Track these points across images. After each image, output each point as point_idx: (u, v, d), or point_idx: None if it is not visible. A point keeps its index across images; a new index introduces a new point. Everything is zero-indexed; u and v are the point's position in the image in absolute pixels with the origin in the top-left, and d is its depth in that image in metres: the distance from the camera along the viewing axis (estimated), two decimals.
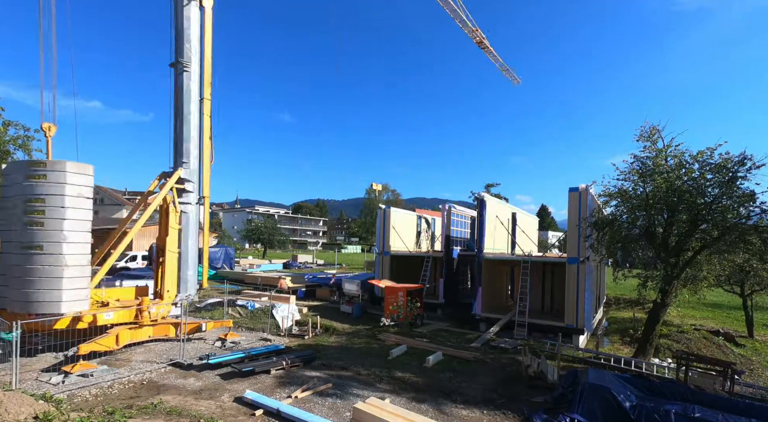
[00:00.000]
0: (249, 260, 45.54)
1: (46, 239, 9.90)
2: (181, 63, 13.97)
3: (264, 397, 8.22)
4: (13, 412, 6.36)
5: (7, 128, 20.96)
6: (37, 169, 10.08)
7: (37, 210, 9.91)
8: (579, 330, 14.26)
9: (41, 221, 9.89)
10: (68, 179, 10.20)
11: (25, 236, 9.88)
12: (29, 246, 9.84)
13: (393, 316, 16.25)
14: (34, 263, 9.86)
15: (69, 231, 10.12)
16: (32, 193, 9.94)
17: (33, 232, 9.88)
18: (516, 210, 23.02)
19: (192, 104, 14.30)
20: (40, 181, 10.00)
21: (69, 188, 10.19)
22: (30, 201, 9.92)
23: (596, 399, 7.74)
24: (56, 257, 9.94)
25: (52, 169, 10.14)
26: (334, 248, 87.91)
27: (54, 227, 9.96)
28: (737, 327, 18.47)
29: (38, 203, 9.93)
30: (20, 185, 9.99)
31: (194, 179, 14.23)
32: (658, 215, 12.18)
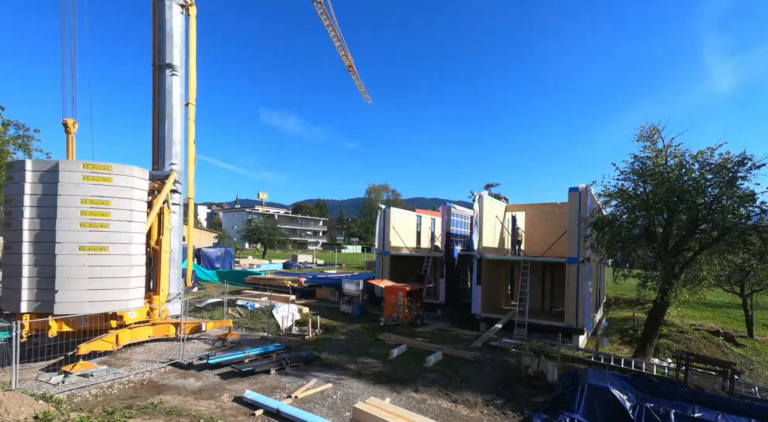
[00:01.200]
0: (249, 260, 45.56)
1: (112, 240, 10.29)
2: (171, 67, 14.11)
3: (264, 397, 8.22)
4: (13, 412, 6.36)
5: (7, 127, 20.97)
6: (99, 171, 10.34)
7: (101, 212, 10.18)
8: (579, 330, 14.26)
9: (106, 222, 10.21)
10: (135, 184, 10.84)
11: (83, 237, 10.04)
12: (90, 247, 10.05)
13: (393, 316, 16.26)
14: (97, 264, 10.12)
15: (136, 233, 10.75)
16: (93, 194, 10.16)
17: (95, 233, 10.12)
18: (517, 211, 23.02)
19: (180, 108, 14.50)
20: (103, 183, 10.30)
21: (136, 193, 10.86)
22: (90, 202, 10.11)
23: (596, 399, 7.74)
24: (124, 258, 10.44)
25: (120, 173, 10.56)
26: (334, 248, 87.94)
27: (121, 229, 10.40)
28: (737, 327, 18.48)
29: (100, 205, 10.20)
30: (75, 185, 10.08)
31: (182, 181, 14.38)
32: (658, 215, 12.18)
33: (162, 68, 14.16)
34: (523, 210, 22.69)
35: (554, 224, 19.82)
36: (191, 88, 14.91)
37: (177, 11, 14.33)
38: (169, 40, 14.14)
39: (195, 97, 15.07)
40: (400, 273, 22.06)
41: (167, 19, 14.11)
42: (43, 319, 9.74)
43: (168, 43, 14.12)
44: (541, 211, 21.78)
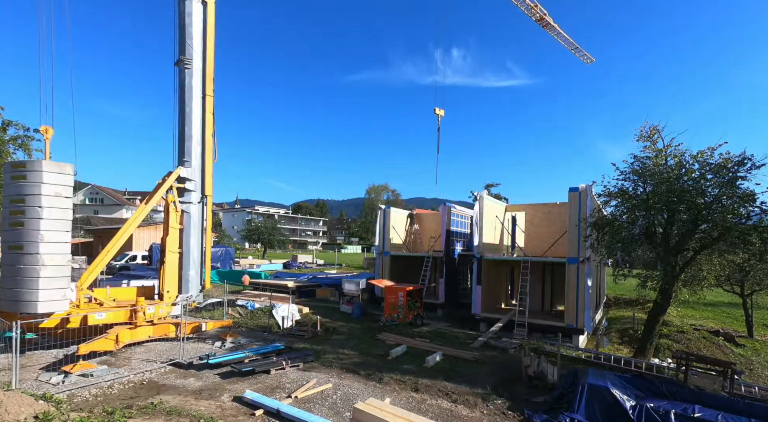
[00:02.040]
0: (249, 260, 45.56)
1: (25, 239, 10.02)
2: (182, 60, 13.92)
3: (264, 397, 8.22)
4: (13, 412, 6.36)
5: (7, 127, 20.98)
6: (18, 169, 10.25)
7: (19, 210, 10.05)
8: (579, 330, 14.26)
9: (21, 221, 10.02)
10: (45, 179, 10.19)
11: (10, 235, 10.07)
12: (13, 246, 10.02)
13: (393, 316, 16.25)
14: (17, 263, 10.02)
15: (46, 231, 10.13)
16: (15, 193, 10.12)
17: (16, 232, 10.05)
18: (517, 211, 23.01)
19: (194, 102, 14.20)
20: (21, 181, 10.12)
21: (45, 188, 10.19)
22: (13, 201, 10.09)
23: (596, 399, 7.74)
24: (34, 257, 10.02)
25: (31, 169, 10.22)
26: (334, 248, 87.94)
27: (32, 227, 10.05)
28: (737, 327, 18.47)
29: (19, 203, 10.08)
30: (7, 185, 10.22)
31: (197, 178, 14.10)
32: (658, 215, 12.18)
33: (179, 63, 14.05)
34: (523, 210, 22.68)
35: (554, 224, 19.82)
36: (209, 79, 14.53)
37: (197, 4, 14.22)
38: (187, 32, 14.01)
39: (213, 89, 14.71)
40: (400, 273, 22.06)
41: (186, 12, 14.02)
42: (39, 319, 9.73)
43: (185, 35, 14.00)
44: (541, 211, 21.77)
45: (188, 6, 14.00)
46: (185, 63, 13.95)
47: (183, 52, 13.99)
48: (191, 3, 14.03)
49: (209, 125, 14.47)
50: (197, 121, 14.28)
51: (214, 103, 14.84)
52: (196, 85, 14.27)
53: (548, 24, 37.39)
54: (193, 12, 14.09)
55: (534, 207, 22.36)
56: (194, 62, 14.17)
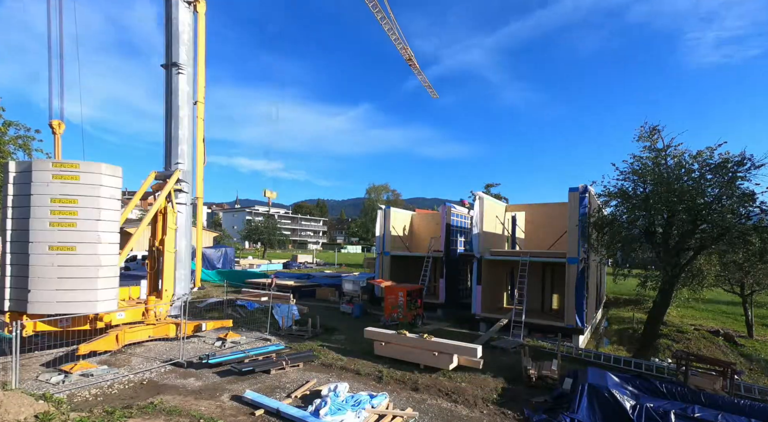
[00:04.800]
0: (249, 260, 45.57)
1: (80, 240, 10.01)
2: (176, 65, 14.04)
3: (264, 397, 8.22)
4: (13, 412, 6.36)
5: (8, 127, 20.97)
6: (67, 169, 10.13)
7: (68, 210, 9.94)
8: (579, 330, 14.26)
9: (73, 221, 9.96)
10: (103, 181, 10.40)
11: (53, 236, 9.88)
12: (59, 246, 9.88)
13: (393, 316, 16.25)
14: (66, 263, 9.91)
15: (104, 232, 10.33)
16: (61, 193, 9.97)
17: (63, 232, 9.93)
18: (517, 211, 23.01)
19: (186, 107, 14.41)
20: (71, 181, 10.06)
21: (104, 190, 10.41)
22: (59, 201, 9.94)
23: (596, 399, 7.74)
24: (91, 257, 10.09)
25: (87, 170, 10.26)
26: (334, 248, 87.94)
27: (89, 228, 10.08)
28: (737, 327, 18.48)
29: (69, 204, 9.96)
30: (45, 184, 9.95)
31: (188, 180, 14.31)
32: (658, 215, 12.19)
33: (169, 67, 14.13)
34: (523, 210, 22.68)
35: (554, 224, 19.81)
36: (199, 87, 14.76)
37: (183, 8, 14.28)
38: (176, 37, 14.10)
39: (203, 95, 14.94)
40: (400, 273, 22.06)
41: (174, 17, 14.09)
42: (40, 319, 9.73)
43: (174, 41, 14.08)
44: (541, 211, 21.77)
45: (175, 11, 14.08)
46: (179, 69, 14.09)
47: (177, 57, 14.11)
48: (178, 9, 14.11)
49: (200, 130, 14.69)
50: (188, 125, 14.44)
51: (205, 109, 15.05)
52: (186, 89, 14.45)
53: None
54: (181, 18, 14.18)
55: (534, 207, 22.36)
56: (185, 67, 14.32)
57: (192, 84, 14.65)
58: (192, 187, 14.49)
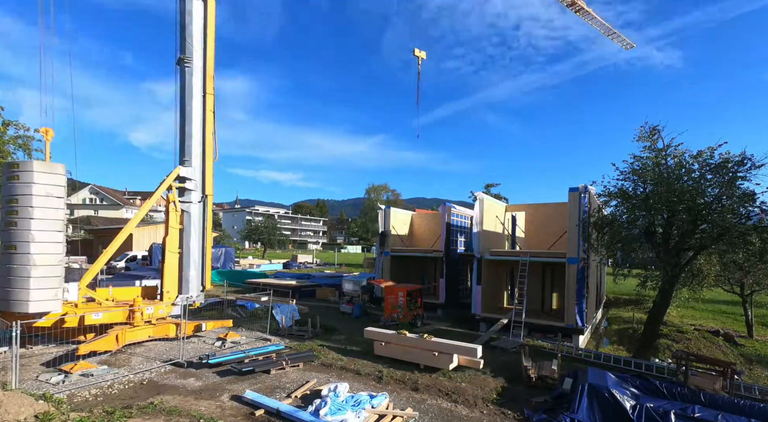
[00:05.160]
0: (249, 260, 45.57)
1: (18, 239, 10.08)
2: (185, 59, 13.87)
3: (264, 397, 8.22)
4: (13, 412, 6.36)
5: (7, 127, 20.97)
6: (12, 170, 10.29)
7: (12, 210, 10.10)
8: (579, 330, 14.26)
9: (15, 221, 10.07)
10: (36, 179, 10.23)
11: (4, 236, 10.13)
12: (7, 246, 10.07)
13: (393, 316, 16.25)
14: (10, 263, 10.08)
15: (37, 231, 10.15)
16: (9, 193, 10.17)
17: (9, 232, 10.11)
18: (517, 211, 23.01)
19: (194, 101, 14.14)
20: (15, 182, 10.17)
21: (36, 188, 10.21)
22: (9, 202, 10.15)
23: (596, 399, 7.74)
24: (25, 257, 10.05)
25: (24, 169, 10.28)
26: (334, 248, 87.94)
27: (24, 227, 10.10)
28: (737, 327, 18.47)
29: (13, 204, 10.12)
30: (4, 186, 10.27)
31: (197, 177, 14.03)
32: (658, 215, 12.19)
33: (180, 61, 14.04)
34: (523, 210, 22.68)
35: (554, 224, 19.81)
36: (209, 78, 14.49)
37: (197, 3, 14.23)
38: (187, 31, 14.01)
39: (213, 87, 14.65)
40: (400, 273, 22.06)
41: (187, 10, 14.02)
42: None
43: (185, 34, 13.99)
44: (541, 211, 21.78)
45: (188, 5, 13.99)
46: (185, 61, 13.93)
47: (184, 51, 13.97)
48: (191, 2, 14.01)
49: (209, 123, 14.38)
50: (198, 119, 14.21)
51: (215, 101, 14.80)
52: (196, 83, 14.20)
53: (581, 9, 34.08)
54: (193, 11, 14.08)
55: (534, 207, 22.36)
56: (194, 61, 14.13)
57: (201, 77, 14.43)
58: (201, 184, 14.21)
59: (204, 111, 14.42)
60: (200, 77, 14.35)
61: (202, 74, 14.48)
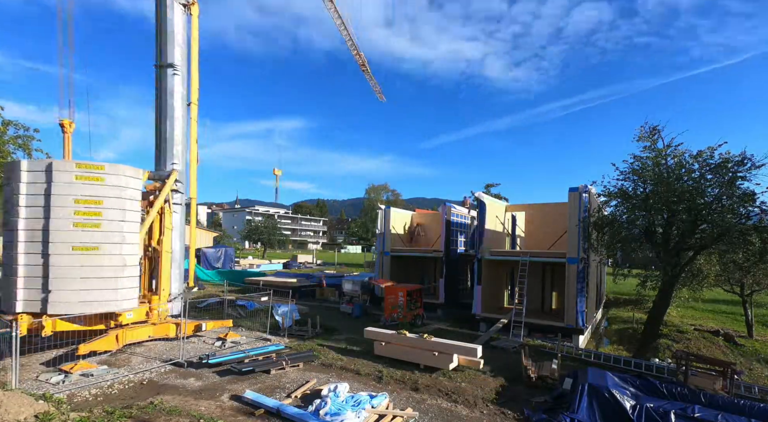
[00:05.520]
0: (249, 260, 45.56)
1: (104, 240, 10.20)
2: (172, 66, 14.07)
3: (264, 397, 8.22)
4: (13, 412, 6.36)
5: (7, 127, 20.98)
6: (92, 171, 10.23)
7: (92, 211, 10.07)
8: (579, 330, 14.26)
9: (98, 222, 10.11)
10: (128, 183, 10.68)
11: (76, 236, 9.96)
12: (82, 247, 9.98)
13: (393, 316, 16.25)
14: (89, 264, 10.05)
15: (128, 233, 10.62)
16: (85, 194, 10.08)
17: (87, 233, 10.04)
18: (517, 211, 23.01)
19: (181, 108, 14.42)
20: (96, 183, 10.19)
21: (128, 192, 10.70)
22: (83, 202, 10.03)
23: (596, 399, 7.74)
24: (115, 258, 10.33)
25: (112, 172, 10.44)
26: (334, 248, 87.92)
27: (113, 229, 10.30)
28: (737, 327, 18.47)
29: (93, 205, 10.10)
30: (68, 185, 10.00)
31: (183, 181, 14.34)
32: (658, 215, 12.19)
33: (163, 68, 14.13)
34: (523, 210, 22.68)
35: (554, 224, 19.82)
36: (193, 88, 14.82)
37: (179, 10, 14.28)
38: (171, 39, 14.08)
39: (197, 97, 14.98)
40: (400, 273, 22.07)
41: (169, 19, 14.08)
42: (38, 319, 9.73)
43: (170, 42, 14.06)
44: (541, 211, 21.77)
45: (170, 13, 14.07)
46: (175, 70, 14.12)
47: (163, 56, 14.11)
48: (173, 11, 14.10)
49: (193, 131, 14.77)
50: (182, 125, 14.48)
51: (198, 110, 15.06)
52: (181, 90, 14.43)
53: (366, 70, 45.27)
54: (176, 19, 14.17)
55: (534, 207, 22.36)
56: (180, 69, 14.32)
57: (186, 85, 14.69)
58: (186, 187, 14.55)
59: (188, 116, 14.71)
60: (182, 84, 14.52)
61: (187, 82, 14.68)
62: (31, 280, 9.95)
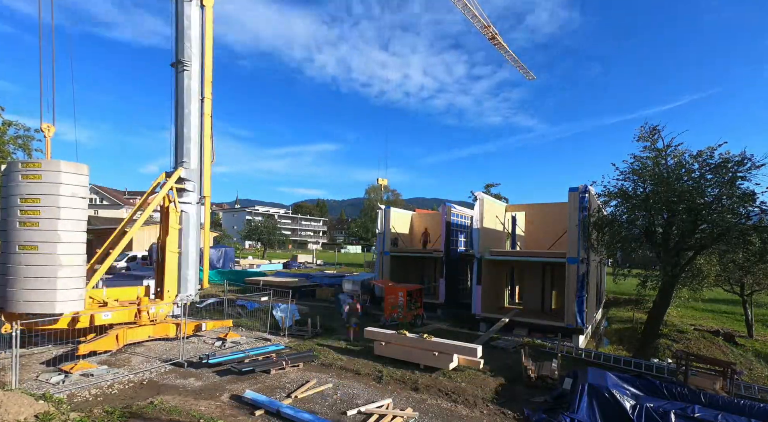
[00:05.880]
0: (249, 260, 45.56)
1: (41, 239, 9.91)
2: (181, 62, 13.93)
3: (264, 397, 8.22)
4: (13, 412, 6.36)
5: (7, 127, 20.99)
6: (31, 169, 10.09)
7: (32, 210, 9.92)
8: (579, 330, 14.26)
9: (36, 220, 9.90)
10: (63, 179, 10.16)
11: (21, 235, 9.91)
12: (25, 246, 9.86)
13: (393, 316, 16.25)
14: (30, 263, 9.87)
15: (63, 231, 10.10)
16: (27, 192, 9.96)
17: (28, 231, 9.91)
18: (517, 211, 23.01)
19: (192, 104, 14.19)
20: (34, 181, 10.01)
21: (64, 188, 10.15)
22: (25, 201, 9.94)
23: (596, 399, 7.74)
24: (51, 257, 9.94)
25: (48, 169, 10.13)
26: (335, 248, 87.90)
27: (49, 227, 9.95)
28: (737, 327, 18.47)
29: (33, 203, 9.94)
30: (15, 184, 10.00)
31: (195, 179, 14.16)
32: (658, 215, 12.20)
33: (176, 64, 14.07)
34: (523, 210, 22.69)
35: (554, 224, 19.82)
36: (206, 83, 14.58)
37: (194, 4, 14.20)
38: (185, 34, 13.98)
39: (210, 91, 14.76)
40: (400, 273, 22.06)
41: (183, 13, 14.00)
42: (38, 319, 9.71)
43: (184, 38, 13.96)
44: (541, 211, 21.77)
45: (187, 9, 14.02)
46: (184, 65, 13.99)
47: (180, 54, 14.02)
48: (190, 6, 14.04)
49: (207, 127, 14.58)
50: (195, 122, 14.33)
51: (212, 105, 14.91)
52: (194, 87, 14.29)
53: (498, 43, 41.49)
54: (191, 15, 14.11)
55: (534, 207, 22.36)
56: (193, 65, 14.19)
57: (199, 81, 14.46)
58: (199, 186, 14.32)
59: (202, 114, 14.54)
60: (198, 81, 14.41)
61: (200, 78, 14.57)
62: None
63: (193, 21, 14.16)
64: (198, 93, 14.40)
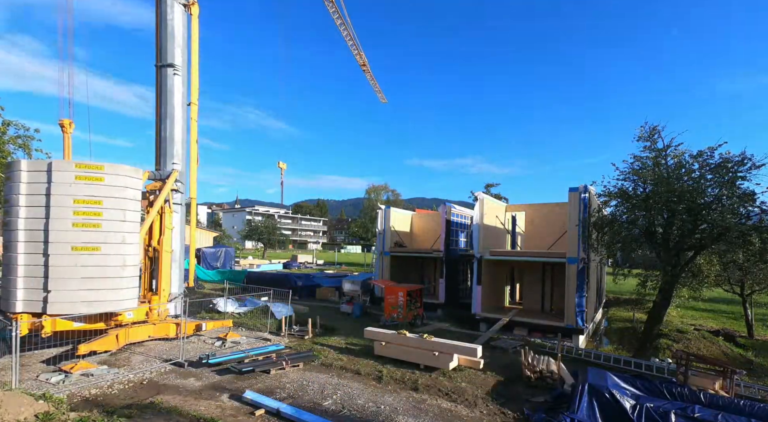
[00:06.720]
0: (249, 260, 45.57)
1: (105, 240, 10.16)
2: (173, 66, 14.07)
3: (264, 397, 8.22)
4: (13, 412, 6.36)
5: (8, 127, 20.98)
6: (91, 171, 10.17)
7: (93, 211, 10.03)
8: (579, 330, 14.26)
9: (98, 222, 10.07)
10: (128, 183, 10.62)
11: (78, 237, 9.93)
12: (84, 247, 9.95)
13: (393, 316, 16.25)
14: (89, 264, 10.01)
15: (128, 233, 10.60)
16: (86, 194, 10.03)
17: (87, 233, 10.00)
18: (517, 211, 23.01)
19: (181, 107, 14.41)
20: (95, 183, 10.14)
21: (128, 192, 10.66)
22: (83, 202, 9.99)
23: (596, 399, 7.74)
24: (115, 258, 10.31)
25: (112, 172, 10.39)
26: (335, 248, 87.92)
27: (113, 229, 10.27)
28: (737, 327, 18.47)
29: (93, 205, 10.05)
30: (68, 185, 9.96)
31: (183, 181, 14.35)
32: (658, 215, 12.19)
33: (164, 68, 14.11)
34: (523, 210, 22.69)
35: (554, 224, 19.83)
36: (193, 88, 14.83)
37: (179, 10, 14.28)
38: (171, 39, 14.06)
39: (197, 97, 14.98)
40: (400, 273, 22.07)
41: (169, 19, 14.07)
42: (38, 319, 9.73)
43: (170, 42, 14.03)
44: (541, 211, 21.78)
45: (171, 13, 14.06)
46: (176, 70, 14.12)
47: (164, 57, 14.10)
48: (174, 11, 14.09)
49: (193, 131, 14.78)
50: (183, 125, 14.49)
51: (198, 110, 15.06)
52: (181, 90, 14.42)
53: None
54: (176, 19, 14.17)
55: (534, 207, 22.36)
56: (180, 69, 14.32)
57: (186, 85, 14.68)
58: (186, 188, 14.55)
59: (188, 117, 14.71)
60: (182, 84, 14.49)
61: (187, 81, 14.66)
62: (30, 280, 9.91)
63: (180, 26, 14.33)
64: (183, 95, 14.59)
